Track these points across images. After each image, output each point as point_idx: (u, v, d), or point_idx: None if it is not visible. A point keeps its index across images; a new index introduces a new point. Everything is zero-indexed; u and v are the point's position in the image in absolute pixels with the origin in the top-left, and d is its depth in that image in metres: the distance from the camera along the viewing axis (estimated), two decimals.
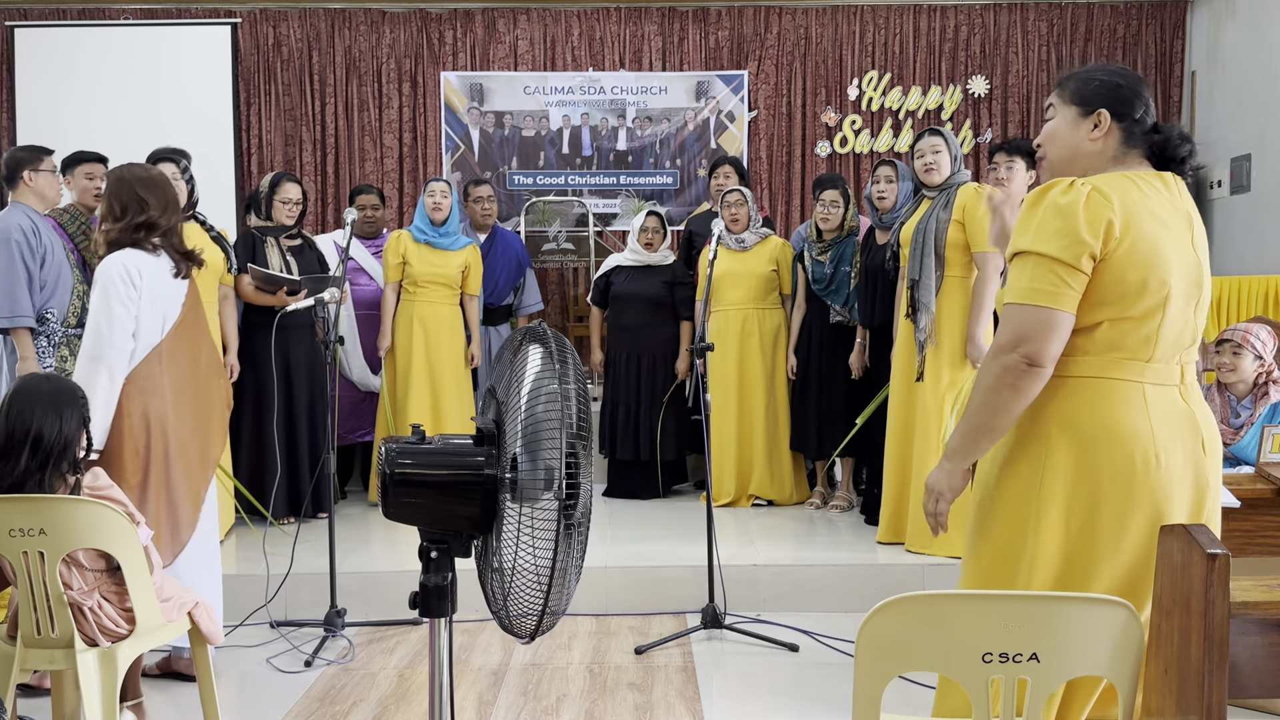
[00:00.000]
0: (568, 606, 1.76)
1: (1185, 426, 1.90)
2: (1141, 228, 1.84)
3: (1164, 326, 1.86)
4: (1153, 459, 1.85)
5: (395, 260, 4.95)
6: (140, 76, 7.12)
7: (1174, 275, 1.85)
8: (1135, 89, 1.96)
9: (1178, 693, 1.90)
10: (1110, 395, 1.86)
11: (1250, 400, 3.75)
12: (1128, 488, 1.86)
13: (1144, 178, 1.91)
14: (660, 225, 5.42)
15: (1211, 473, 1.92)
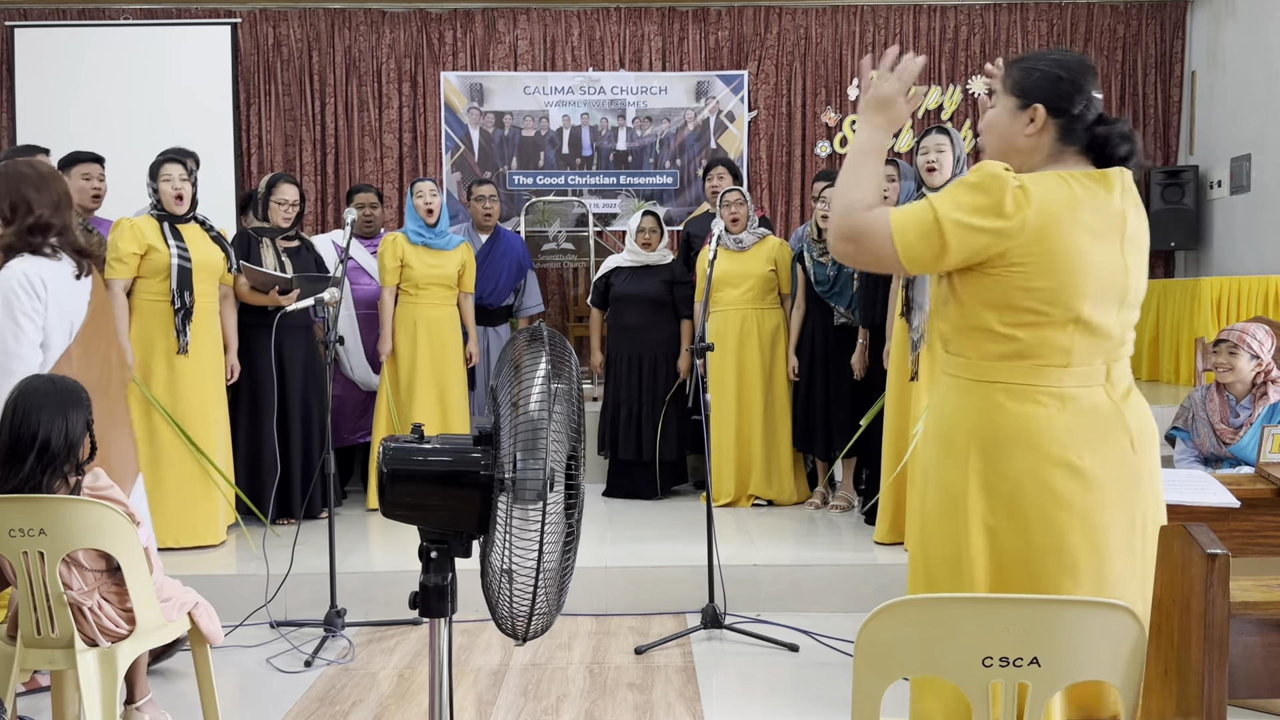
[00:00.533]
0: (559, 609, 1.76)
1: (1108, 427, 1.87)
2: (1060, 236, 1.81)
3: (1079, 333, 1.85)
4: (1071, 461, 1.84)
5: (393, 264, 4.94)
6: (140, 76, 7.13)
7: (1090, 285, 1.83)
8: (1078, 82, 1.88)
9: (1178, 693, 1.90)
10: (1023, 401, 1.86)
11: (1249, 400, 3.76)
12: (1047, 491, 1.85)
13: (1079, 179, 1.85)
14: (657, 225, 5.42)
15: (1145, 470, 1.90)
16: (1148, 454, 1.91)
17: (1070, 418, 1.87)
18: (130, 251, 4.11)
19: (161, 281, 4.18)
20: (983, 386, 1.89)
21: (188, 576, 3.13)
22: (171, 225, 4.21)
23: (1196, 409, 3.89)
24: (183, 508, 4.24)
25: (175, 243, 4.18)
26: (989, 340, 1.87)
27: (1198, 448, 3.89)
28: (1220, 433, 3.78)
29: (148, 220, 4.20)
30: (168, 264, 4.16)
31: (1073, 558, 1.87)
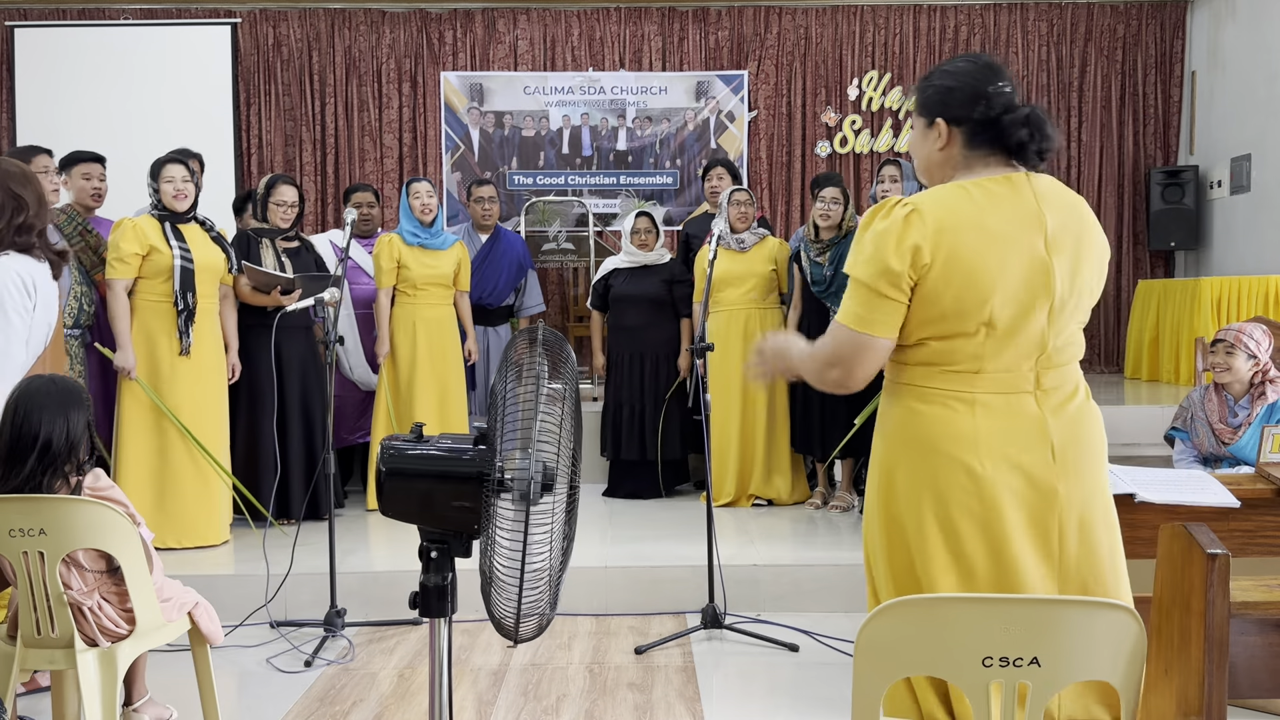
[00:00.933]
0: (551, 611, 1.76)
1: (1026, 434, 1.85)
2: (958, 247, 1.81)
3: (990, 339, 1.84)
4: (975, 466, 1.84)
5: (390, 265, 4.93)
6: (140, 76, 7.13)
7: (996, 289, 1.81)
8: (971, 86, 1.87)
9: (1178, 693, 1.90)
10: (937, 406, 1.88)
11: (1248, 400, 3.76)
12: (944, 494, 1.86)
13: (983, 185, 1.85)
14: (652, 225, 5.42)
15: (1064, 479, 1.85)
16: (1074, 467, 1.87)
17: (979, 422, 1.86)
18: (132, 252, 4.11)
19: (164, 282, 4.18)
20: (901, 389, 1.94)
21: (188, 576, 3.13)
22: (173, 225, 4.21)
23: (1195, 409, 3.89)
24: (184, 508, 4.25)
25: (178, 243, 4.18)
26: (911, 349, 1.90)
27: (1197, 448, 3.89)
28: (1219, 432, 3.78)
29: (149, 220, 4.20)
30: (170, 265, 4.16)
31: (969, 562, 1.87)
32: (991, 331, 1.83)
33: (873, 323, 1.86)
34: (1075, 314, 1.88)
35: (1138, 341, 6.92)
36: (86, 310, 4.26)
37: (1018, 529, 1.85)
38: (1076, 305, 1.88)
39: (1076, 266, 1.86)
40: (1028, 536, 1.86)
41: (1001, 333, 1.84)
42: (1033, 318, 1.84)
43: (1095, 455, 1.91)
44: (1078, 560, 1.88)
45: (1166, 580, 1.94)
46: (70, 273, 4.20)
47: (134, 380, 4.17)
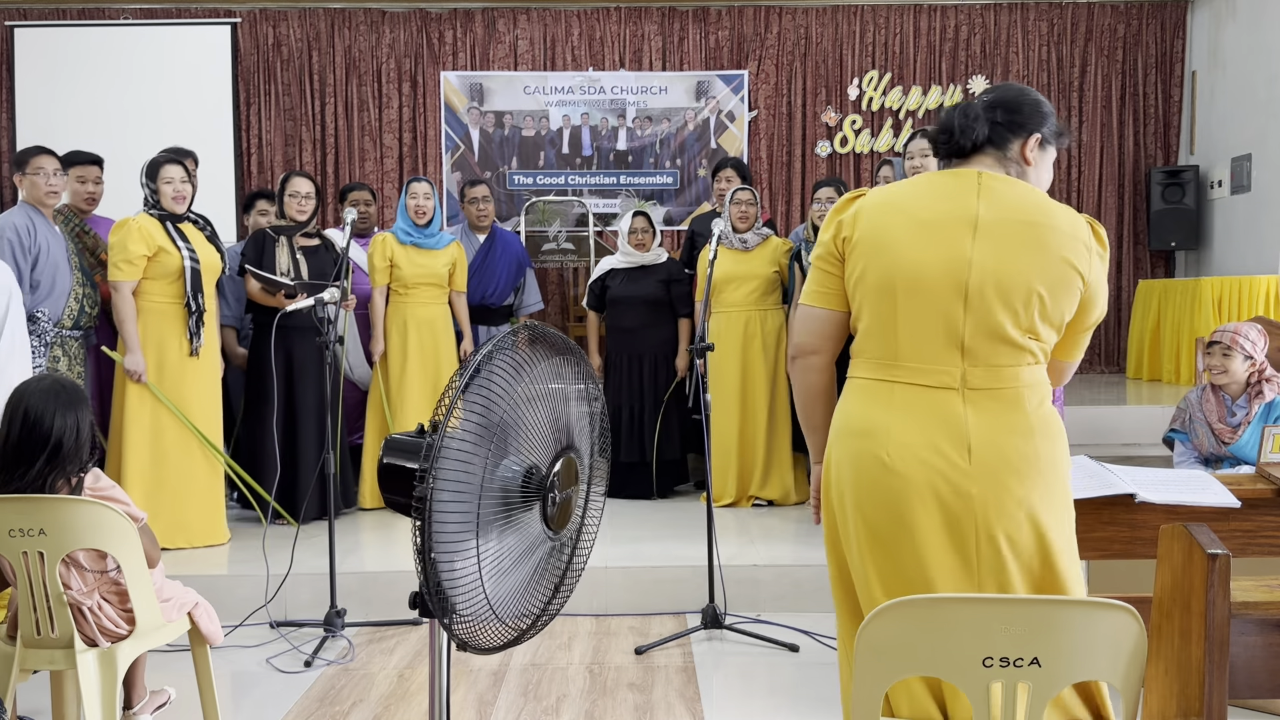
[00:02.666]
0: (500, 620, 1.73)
1: (941, 430, 1.83)
2: (875, 224, 1.90)
3: (904, 324, 1.86)
4: (884, 456, 1.85)
5: (383, 264, 4.94)
6: (140, 76, 7.13)
7: (905, 273, 1.85)
8: (948, 115, 2.01)
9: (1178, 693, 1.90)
10: (861, 393, 1.93)
11: (1245, 399, 3.77)
12: (862, 484, 1.88)
13: (930, 176, 1.96)
14: (649, 225, 5.41)
15: (980, 483, 1.81)
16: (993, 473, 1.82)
17: (893, 414, 1.87)
18: (140, 253, 4.08)
19: (172, 283, 4.17)
20: (849, 382, 2.00)
21: (188, 576, 3.13)
22: (174, 225, 4.20)
23: (1194, 410, 3.90)
24: (188, 509, 4.25)
25: (185, 244, 4.18)
26: (854, 339, 2.00)
27: (1196, 449, 3.90)
28: (1219, 432, 3.79)
29: (149, 220, 4.17)
30: (179, 266, 4.15)
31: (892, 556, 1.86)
32: (901, 314, 1.86)
33: (813, 294, 2.02)
34: (1003, 309, 1.83)
35: (1138, 341, 6.92)
36: (88, 312, 4.25)
37: (931, 528, 1.83)
38: (1003, 300, 1.82)
39: (1008, 261, 1.83)
40: (942, 537, 1.83)
41: (912, 318, 1.85)
42: (946, 306, 1.84)
43: (1025, 463, 1.83)
44: (993, 570, 1.83)
45: (1166, 580, 1.93)
46: (73, 275, 4.19)
47: (143, 383, 4.15)
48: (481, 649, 1.75)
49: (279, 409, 4.50)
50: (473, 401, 1.65)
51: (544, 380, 1.77)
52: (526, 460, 1.73)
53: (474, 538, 1.64)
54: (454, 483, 1.61)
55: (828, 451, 1.98)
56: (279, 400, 4.52)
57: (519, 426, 1.71)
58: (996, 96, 1.96)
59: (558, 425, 1.78)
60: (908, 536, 1.84)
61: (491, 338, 1.75)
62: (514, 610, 1.76)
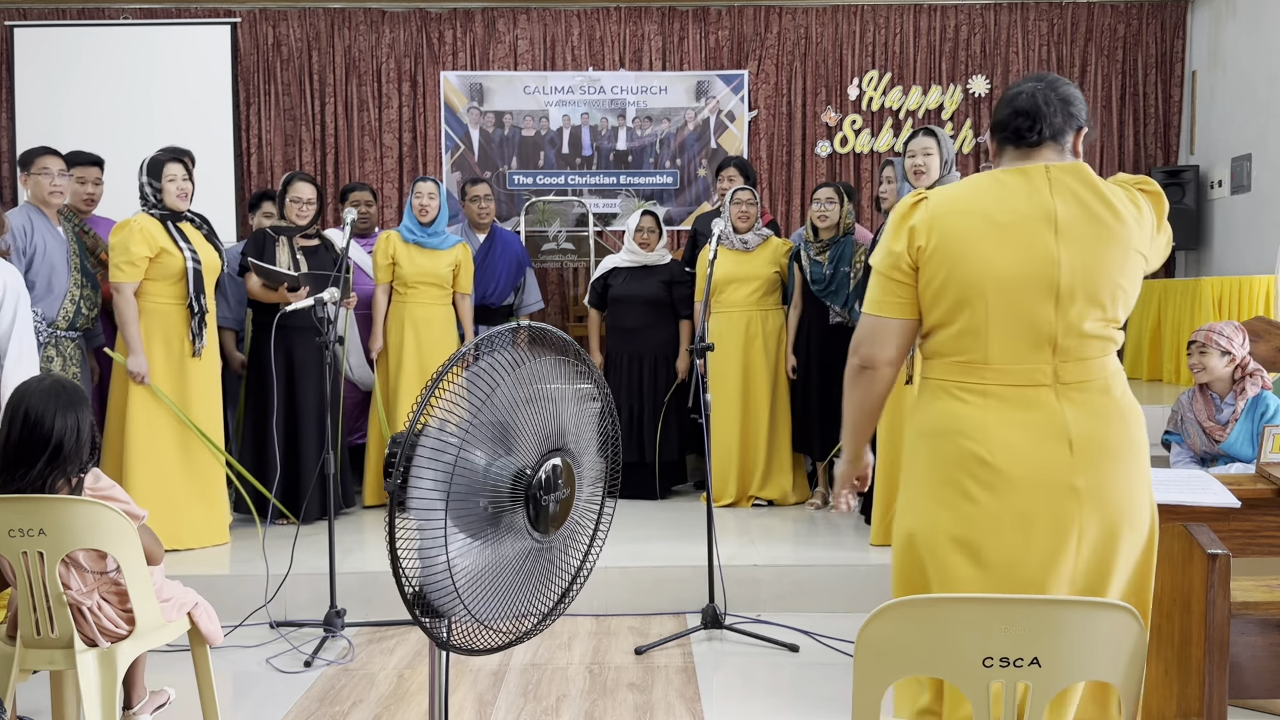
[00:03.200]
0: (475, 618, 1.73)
1: (1042, 427, 1.86)
2: (953, 229, 1.89)
3: (994, 327, 1.86)
4: (985, 454, 1.86)
5: (385, 261, 4.95)
6: (140, 76, 7.12)
7: (993, 276, 1.86)
8: (1001, 106, 2.03)
9: (1179, 693, 1.90)
10: (949, 396, 1.93)
11: (1232, 396, 3.84)
12: (956, 481, 1.89)
13: (997, 175, 1.95)
14: (656, 225, 5.41)
15: (1084, 474, 1.85)
16: (1095, 463, 1.86)
17: (990, 414, 1.87)
18: (142, 255, 4.07)
19: (175, 284, 4.17)
20: (924, 384, 2.00)
21: (188, 576, 3.13)
22: (175, 225, 4.19)
23: (1184, 411, 3.97)
24: (191, 509, 4.25)
25: (186, 245, 4.17)
26: (926, 341, 1.99)
27: (1191, 449, 3.95)
28: (1209, 430, 3.84)
29: (150, 221, 4.15)
30: (182, 267, 4.15)
31: (976, 551, 1.87)
32: (992, 318, 1.86)
33: (883, 304, 1.98)
34: (1091, 306, 1.87)
35: (1138, 341, 6.92)
36: (86, 313, 4.24)
37: (1034, 526, 1.85)
38: (1091, 297, 1.87)
39: (1091, 259, 1.86)
40: (1045, 534, 1.86)
41: (1003, 320, 1.86)
42: (1036, 307, 1.85)
43: (1122, 451, 1.88)
44: (1097, 558, 1.87)
45: (1167, 580, 1.93)
46: (71, 275, 4.19)
47: (146, 385, 4.14)
48: (460, 650, 1.75)
49: (280, 409, 4.50)
50: (456, 398, 1.65)
51: (536, 380, 1.76)
52: (510, 460, 1.72)
53: (447, 535, 1.64)
54: (428, 479, 1.61)
55: (908, 451, 1.99)
56: (280, 401, 4.52)
57: (503, 426, 1.70)
58: (1052, 87, 1.97)
59: (546, 426, 1.77)
60: (1009, 532, 1.86)
61: (479, 336, 1.74)
62: (495, 611, 1.75)
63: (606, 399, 1.95)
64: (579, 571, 1.95)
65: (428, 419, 1.62)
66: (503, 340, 1.73)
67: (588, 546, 1.97)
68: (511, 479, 1.71)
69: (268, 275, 4.44)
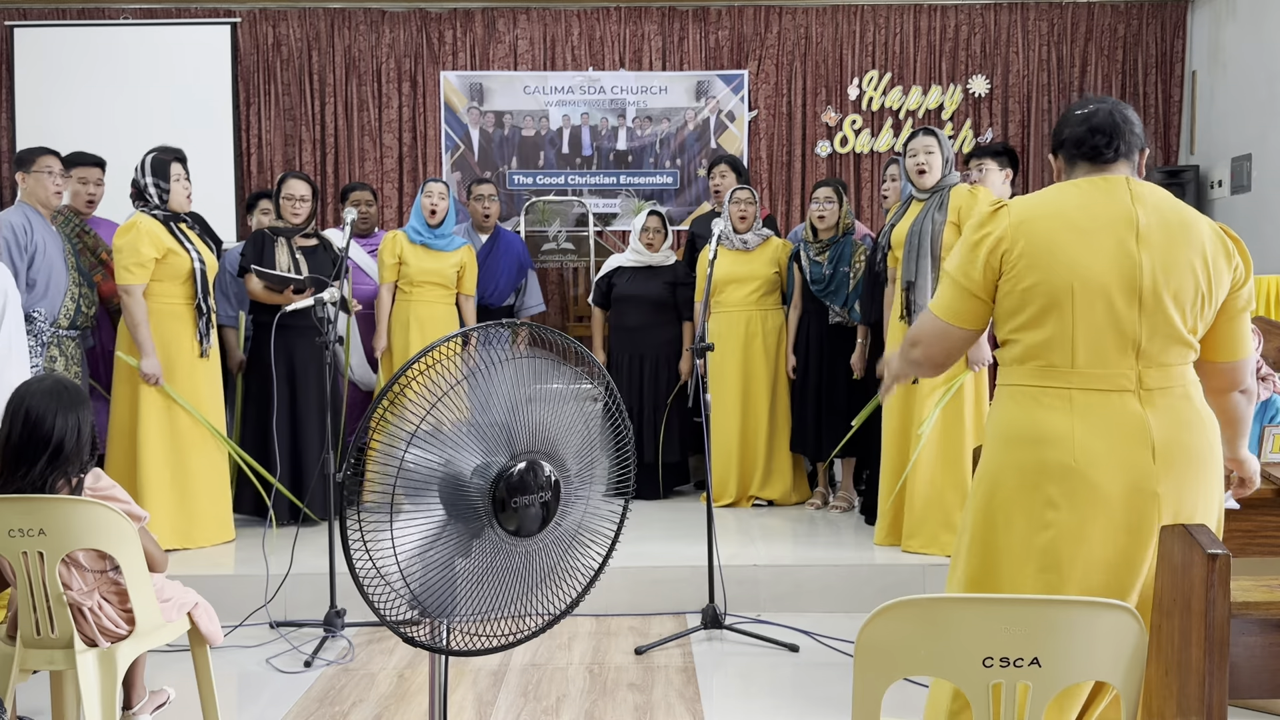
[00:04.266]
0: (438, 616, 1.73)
1: (1126, 433, 1.87)
2: (1039, 234, 1.91)
3: (1081, 330, 1.88)
4: (1070, 461, 1.87)
5: (391, 261, 4.95)
6: (140, 76, 7.12)
7: (1080, 278, 1.87)
8: (1062, 121, 2.06)
9: (1178, 693, 1.90)
10: (1032, 401, 1.93)
11: None
12: (1041, 487, 1.89)
13: (1078, 184, 1.97)
14: (662, 225, 5.41)
15: (1165, 480, 1.87)
16: (1177, 470, 1.88)
17: (1075, 420, 1.88)
18: (150, 256, 4.06)
19: (182, 285, 4.17)
20: (1006, 390, 2.00)
21: (188, 576, 3.13)
22: (176, 226, 4.18)
23: None
24: (202, 508, 4.26)
25: (191, 246, 4.17)
26: (1006, 348, 1.99)
27: None
28: None
29: (154, 222, 4.13)
30: (189, 268, 4.15)
31: (1056, 559, 1.89)
32: (1079, 321, 1.87)
33: (955, 313, 2.01)
34: (1173, 312, 1.89)
35: None
36: (85, 312, 4.24)
37: (1114, 530, 1.87)
38: (1172, 302, 1.89)
39: (1171, 264, 1.89)
40: (1124, 538, 1.87)
41: (1089, 323, 1.87)
42: (1120, 310, 1.88)
43: (1201, 460, 1.90)
44: None
45: (1167, 581, 1.93)
46: (69, 274, 4.19)
47: (159, 386, 4.14)
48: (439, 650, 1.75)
49: (281, 410, 4.50)
50: (414, 402, 1.66)
51: (514, 382, 1.75)
52: (470, 460, 1.71)
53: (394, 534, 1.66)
54: (379, 472, 1.63)
55: (989, 458, 2.00)
56: (281, 401, 4.52)
57: (471, 426, 1.70)
58: (1118, 107, 2.00)
59: (516, 428, 1.75)
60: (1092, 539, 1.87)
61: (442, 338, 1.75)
62: (472, 612, 1.75)
63: (614, 400, 1.94)
64: (599, 570, 1.95)
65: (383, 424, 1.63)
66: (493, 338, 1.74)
67: (609, 545, 1.96)
68: (471, 480, 1.71)
69: (272, 280, 4.44)
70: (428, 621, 1.71)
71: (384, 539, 1.64)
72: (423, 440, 1.65)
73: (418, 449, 1.64)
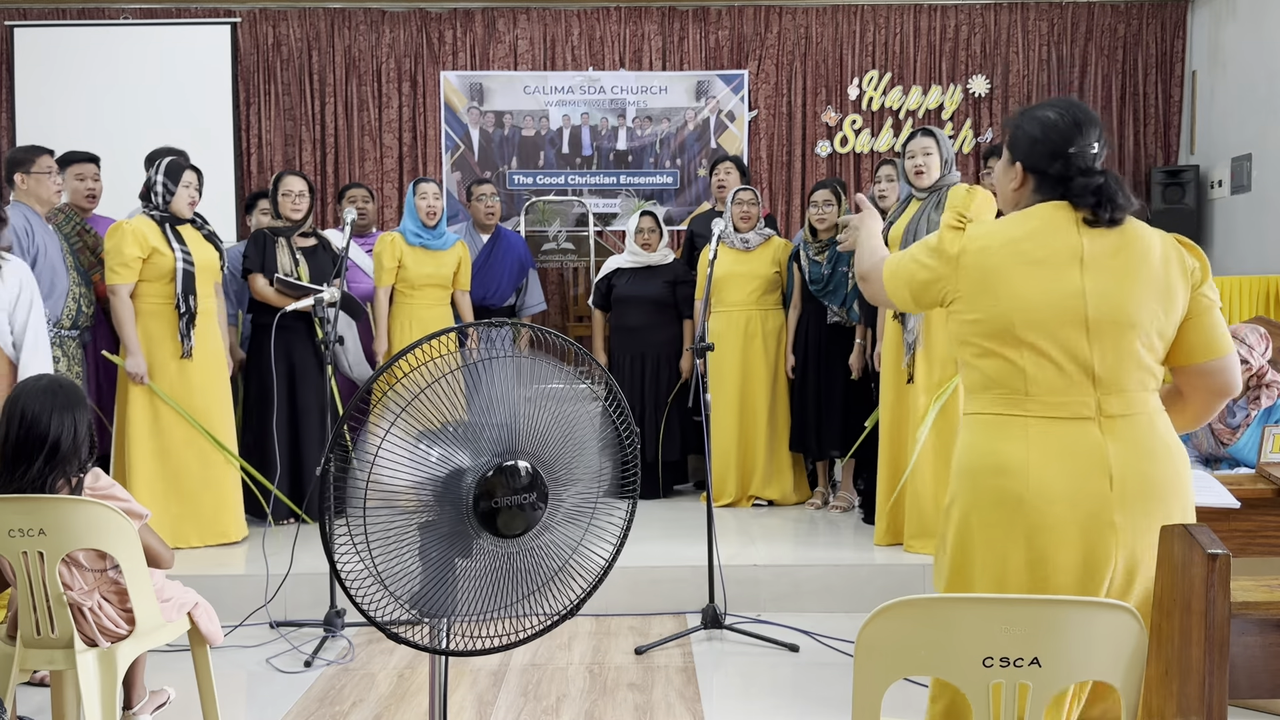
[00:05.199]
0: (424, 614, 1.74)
1: (1083, 461, 1.84)
2: (985, 267, 1.88)
3: (1035, 362, 1.85)
4: (1023, 492, 1.84)
5: (391, 264, 4.93)
6: (140, 76, 7.12)
7: (1022, 311, 1.85)
8: (1055, 143, 1.91)
9: (1178, 693, 1.90)
10: (989, 430, 1.91)
11: (1245, 401, 3.76)
12: (999, 519, 1.87)
13: (1031, 212, 1.92)
14: (656, 225, 5.41)
15: (1121, 510, 1.83)
16: (1136, 498, 1.84)
17: (1030, 449, 1.86)
18: (135, 256, 4.08)
19: (166, 285, 4.17)
20: (969, 418, 1.98)
21: (188, 577, 3.13)
22: (172, 227, 4.19)
23: None
24: (199, 507, 4.25)
25: (179, 246, 4.17)
26: (965, 373, 1.97)
27: (1196, 448, 3.90)
28: (1218, 433, 3.79)
29: (146, 222, 4.15)
30: (172, 268, 4.15)
31: (1019, 580, 1.86)
32: (1030, 351, 1.86)
33: (913, 285, 2.00)
34: (1126, 338, 1.86)
35: None
36: (85, 311, 4.25)
37: (1070, 562, 1.84)
38: (1125, 329, 1.85)
39: (1121, 290, 1.86)
40: (1079, 570, 1.84)
41: (1040, 353, 1.85)
42: (1069, 339, 1.85)
43: (1162, 491, 1.86)
44: (1122, 595, 1.87)
45: (1166, 581, 1.93)
46: (69, 274, 4.19)
47: (145, 385, 4.15)
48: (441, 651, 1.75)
49: (281, 410, 4.50)
50: (390, 402, 1.67)
51: (508, 380, 1.75)
52: (448, 461, 1.71)
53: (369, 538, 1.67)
54: (356, 480, 1.65)
55: (953, 489, 1.97)
56: (281, 401, 4.52)
57: (447, 427, 1.70)
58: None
59: (495, 429, 1.75)
60: (1044, 570, 1.84)
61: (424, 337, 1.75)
62: (462, 612, 1.75)
63: (616, 399, 1.94)
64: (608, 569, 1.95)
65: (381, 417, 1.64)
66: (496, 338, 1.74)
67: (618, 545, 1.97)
68: (448, 481, 1.71)
69: (291, 288, 4.43)
70: (420, 623, 1.72)
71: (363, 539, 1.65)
72: (405, 438, 1.66)
73: (398, 446, 1.66)
